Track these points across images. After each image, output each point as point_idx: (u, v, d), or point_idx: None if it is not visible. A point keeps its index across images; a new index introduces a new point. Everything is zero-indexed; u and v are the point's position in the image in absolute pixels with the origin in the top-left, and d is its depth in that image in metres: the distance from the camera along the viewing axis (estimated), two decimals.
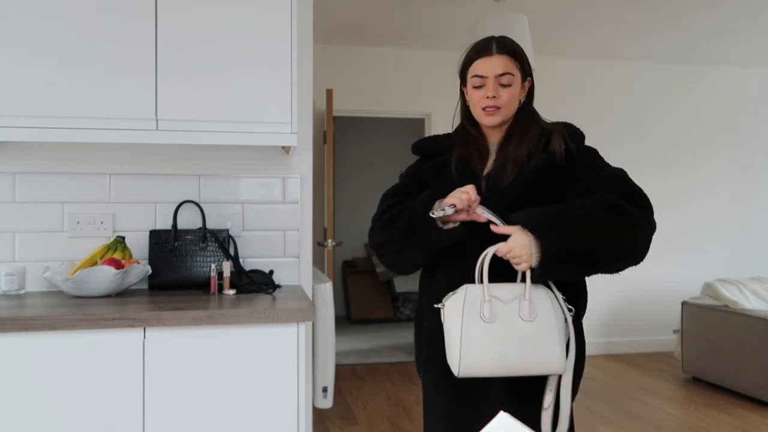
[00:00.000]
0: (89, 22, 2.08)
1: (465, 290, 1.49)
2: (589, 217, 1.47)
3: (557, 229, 1.46)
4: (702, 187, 5.77)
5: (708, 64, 5.77)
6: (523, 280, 1.52)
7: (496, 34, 1.75)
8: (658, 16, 4.42)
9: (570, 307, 1.55)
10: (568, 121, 1.76)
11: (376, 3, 4.14)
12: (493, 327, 1.45)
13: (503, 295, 1.49)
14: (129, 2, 2.10)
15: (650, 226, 1.52)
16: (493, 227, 1.54)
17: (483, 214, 1.54)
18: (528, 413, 1.58)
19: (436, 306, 1.53)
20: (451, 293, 1.53)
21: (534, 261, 1.47)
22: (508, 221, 1.54)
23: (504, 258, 1.52)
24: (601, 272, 1.51)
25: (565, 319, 1.53)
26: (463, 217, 1.54)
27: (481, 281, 1.50)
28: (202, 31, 2.15)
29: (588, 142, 1.72)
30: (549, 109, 1.82)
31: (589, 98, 5.57)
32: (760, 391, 4.06)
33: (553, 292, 1.54)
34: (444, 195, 1.56)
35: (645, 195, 1.56)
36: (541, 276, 1.49)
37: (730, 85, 5.84)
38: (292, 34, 2.20)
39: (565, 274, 1.49)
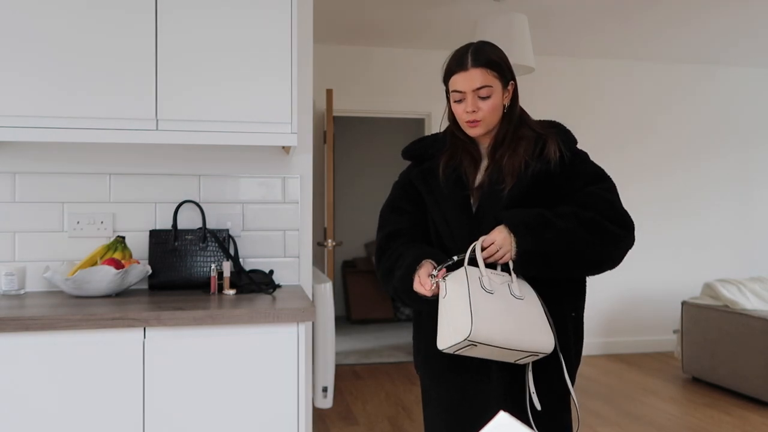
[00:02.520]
0: (90, 21, 2.08)
1: (464, 268, 1.53)
2: (567, 228, 1.56)
3: (534, 231, 1.54)
4: (703, 187, 5.77)
5: (710, 65, 5.77)
6: (503, 269, 1.59)
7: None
8: (661, 16, 4.42)
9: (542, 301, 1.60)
10: (568, 122, 1.76)
11: (376, 3, 4.14)
12: (494, 298, 1.50)
13: (494, 278, 1.54)
14: (129, 2, 2.10)
15: (626, 244, 1.62)
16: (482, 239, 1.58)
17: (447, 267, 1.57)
18: (526, 412, 1.59)
19: (434, 280, 1.54)
20: (449, 273, 1.55)
21: (512, 255, 1.55)
22: (495, 218, 1.61)
23: (487, 251, 1.56)
24: (573, 276, 1.65)
25: (544, 311, 1.57)
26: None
27: (471, 265, 1.55)
28: (202, 31, 2.15)
29: (587, 144, 1.73)
30: (548, 110, 1.82)
31: (589, 99, 5.57)
32: (760, 391, 4.06)
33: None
34: (414, 264, 1.60)
35: (626, 214, 1.64)
36: (515, 270, 1.57)
37: (733, 86, 5.84)
38: (292, 34, 2.20)
39: (537, 271, 1.58)
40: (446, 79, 1.70)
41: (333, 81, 5.18)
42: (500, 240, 1.54)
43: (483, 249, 1.56)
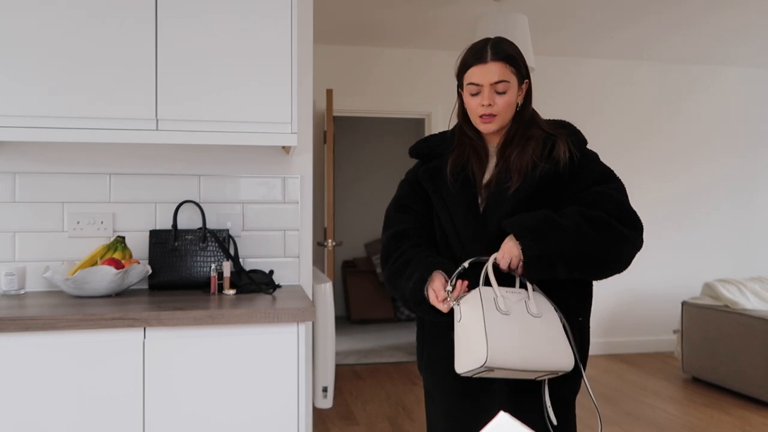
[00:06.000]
0: (90, 21, 2.08)
1: (478, 290, 1.51)
2: (573, 227, 1.53)
3: (538, 234, 1.52)
4: (703, 187, 5.77)
5: (712, 66, 5.77)
6: (521, 286, 1.57)
7: (496, 34, 1.75)
8: (663, 17, 4.42)
9: (561, 316, 1.57)
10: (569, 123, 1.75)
11: (375, 3, 4.14)
12: (510, 319, 1.48)
13: (510, 297, 1.52)
14: (129, 2, 2.10)
15: (634, 245, 1.59)
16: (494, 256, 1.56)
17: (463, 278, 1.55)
18: (528, 411, 1.59)
19: (450, 304, 1.52)
20: (464, 295, 1.53)
21: (521, 258, 1.53)
22: (501, 226, 1.59)
23: (501, 266, 1.54)
24: (582, 277, 1.61)
25: (564, 325, 1.55)
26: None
27: (486, 285, 1.53)
28: (202, 32, 2.14)
29: (589, 145, 1.72)
30: (547, 110, 1.82)
31: (588, 100, 5.57)
32: (760, 391, 4.06)
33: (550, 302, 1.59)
34: (425, 276, 1.57)
35: (635, 215, 1.62)
36: (524, 275, 1.55)
37: (734, 87, 5.84)
38: (292, 34, 2.20)
39: (546, 273, 1.55)
40: (461, 73, 1.68)
41: (333, 81, 5.18)
42: (507, 250, 1.53)
43: (495, 266, 1.54)
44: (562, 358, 1.49)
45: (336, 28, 4.70)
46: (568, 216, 1.55)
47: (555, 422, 1.56)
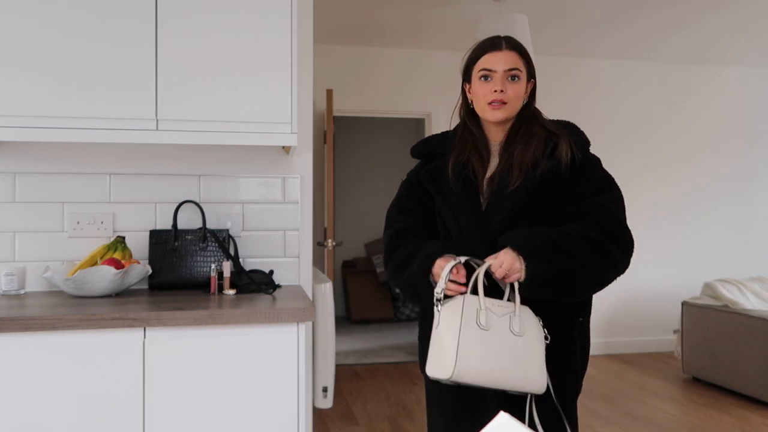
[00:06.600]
0: (90, 21, 2.08)
1: (462, 298, 1.50)
2: (574, 249, 1.53)
3: (543, 256, 1.51)
4: (703, 187, 5.77)
5: (711, 66, 5.77)
6: (510, 298, 1.55)
7: (496, 34, 1.76)
8: (663, 17, 4.42)
9: (547, 335, 1.57)
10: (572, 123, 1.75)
11: (376, 3, 4.14)
12: (488, 335, 1.47)
13: (496, 310, 1.51)
14: (129, 2, 2.10)
15: (624, 268, 1.61)
16: (487, 259, 1.56)
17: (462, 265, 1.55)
18: (523, 414, 1.59)
19: (435, 304, 1.53)
20: (448, 299, 1.53)
21: (522, 275, 1.52)
22: (498, 242, 1.58)
23: (493, 273, 1.54)
24: (571, 299, 1.61)
25: (545, 346, 1.55)
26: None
27: (475, 293, 1.52)
28: (202, 31, 2.14)
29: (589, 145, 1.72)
30: (548, 110, 1.82)
31: (587, 100, 5.57)
32: (760, 391, 4.06)
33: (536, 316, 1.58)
34: (431, 257, 1.58)
35: (629, 234, 1.62)
36: (523, 293, 1.54)
37: (734, 86, 5.83)
38: (292, 34, 2.20)
39: (546, 295, 1.55)
40: (473, 62, 1.69)
41: (333, 81, 5.18)
42: (507, 262, 1.52)
43: (488, 273, 1.53)
44: (533, 382, 1.49)
45: (336, 28, 4.70)
46: (570, 238, 1.55)
47: (541, 429, 1.56)
